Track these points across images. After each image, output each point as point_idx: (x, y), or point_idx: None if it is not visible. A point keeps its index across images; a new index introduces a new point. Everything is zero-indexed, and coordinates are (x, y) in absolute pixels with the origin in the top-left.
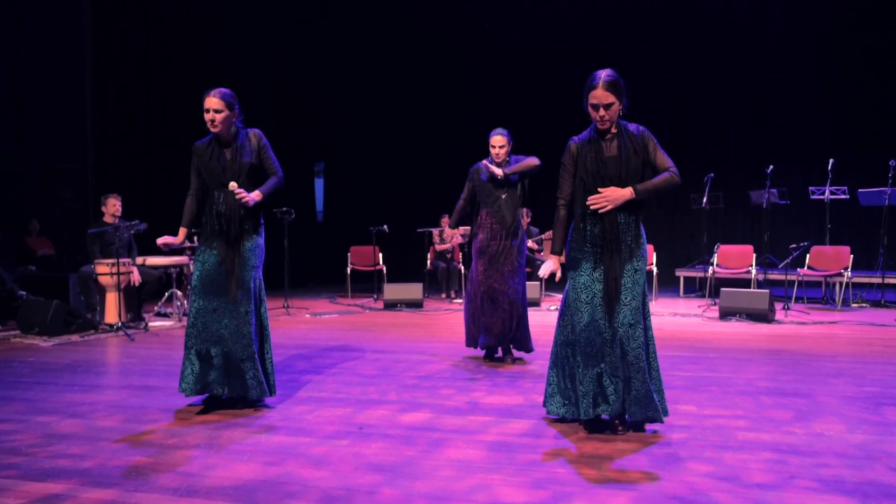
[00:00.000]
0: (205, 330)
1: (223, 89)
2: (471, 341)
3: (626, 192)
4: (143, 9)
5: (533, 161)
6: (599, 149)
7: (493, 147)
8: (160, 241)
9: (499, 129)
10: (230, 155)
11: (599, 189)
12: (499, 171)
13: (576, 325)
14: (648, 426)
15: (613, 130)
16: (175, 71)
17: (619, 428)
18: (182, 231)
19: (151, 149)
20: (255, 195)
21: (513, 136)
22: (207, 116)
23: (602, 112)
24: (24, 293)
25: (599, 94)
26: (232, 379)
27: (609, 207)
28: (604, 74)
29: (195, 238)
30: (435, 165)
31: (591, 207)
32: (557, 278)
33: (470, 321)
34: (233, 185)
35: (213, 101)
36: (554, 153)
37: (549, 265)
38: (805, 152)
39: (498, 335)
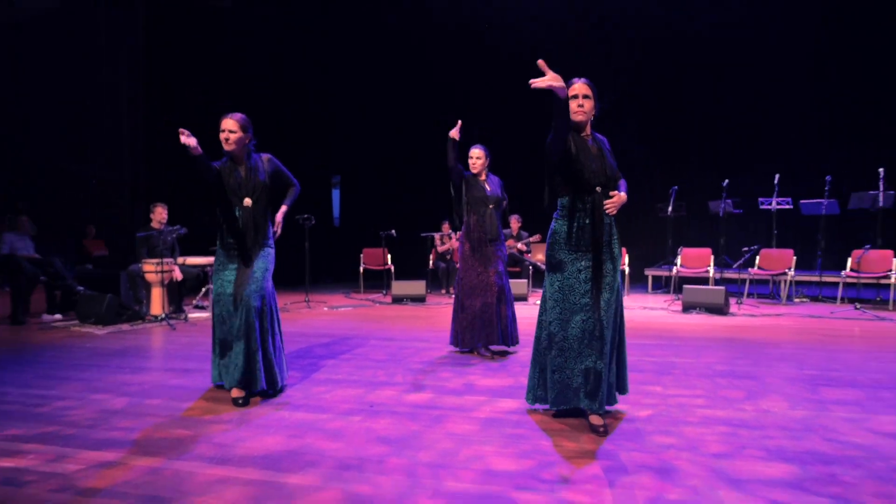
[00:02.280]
0: (228, 332)
1: (239, 114)
2: (455, 341)
3: (625, 197)
4: (190, 45)
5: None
6: (585, 146)
7: (471, 158)
8: (188, 140)
9: (478, 145)
10: (244, 173)
11: (611, 193)
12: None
13: (565, 323)
14: (622, 404)
15: (588, 131)
16: (214, 99)
17: (602, 428)
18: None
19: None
20: (282, 210)
21: (510, 146)
22: (223, 136)
23: (580, 101)
24: (81, 288)
25: (579, 86)
26: (245, 371)
27: (614, 212)
28: (581, 77)
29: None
30: (436, 179)
31: (609, 212)
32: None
33: (456, 328)
34: (247, 201)
35: (228, 123)
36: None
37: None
38: (755, 168)
39: (488, 322)
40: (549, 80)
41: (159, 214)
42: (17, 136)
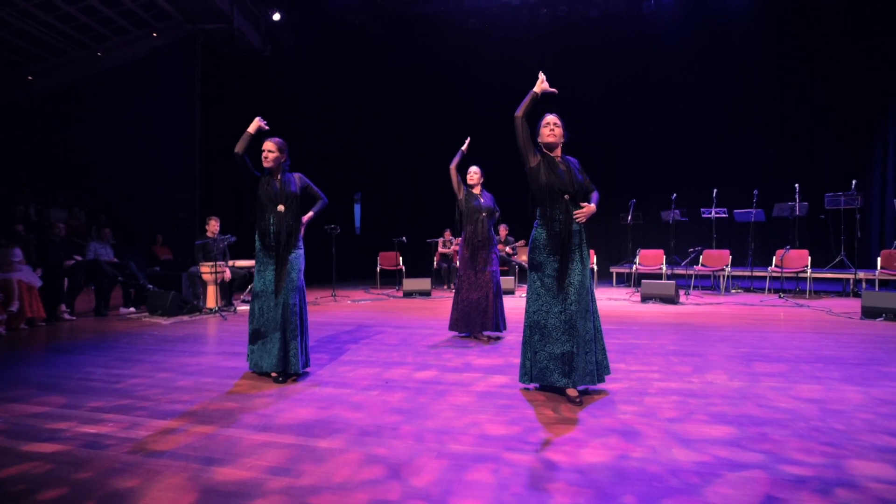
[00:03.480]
0: (265, 323)
1: (278, 138)
2: (453, 327)
3: (594, 208)
4: (238, 86)
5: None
6: (555, 164)
7: (470, 173)
8: (259, 123)
9: (475, 166)
10: (279, 185)
11: (581, 203)
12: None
13: (546, 314)
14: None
15: (559, 153)
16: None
17: (578, 399)
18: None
19: (239, 184)
20: (308, 216)
21: (500, 170)
22: (263, 154)
23: (552, 127)
24: (151, 286)
25: (551, 118)
26: (282, 357)
27: (583, 220)
28: (553, 112)
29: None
30: (438, 196)
31: (578, 221)
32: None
33: (455, 317)
34: (281, 207)
35: (269, 144)
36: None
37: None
38: (697, 184)
39: (483, 312)
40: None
41: (213, 226)
42: (103, 161)
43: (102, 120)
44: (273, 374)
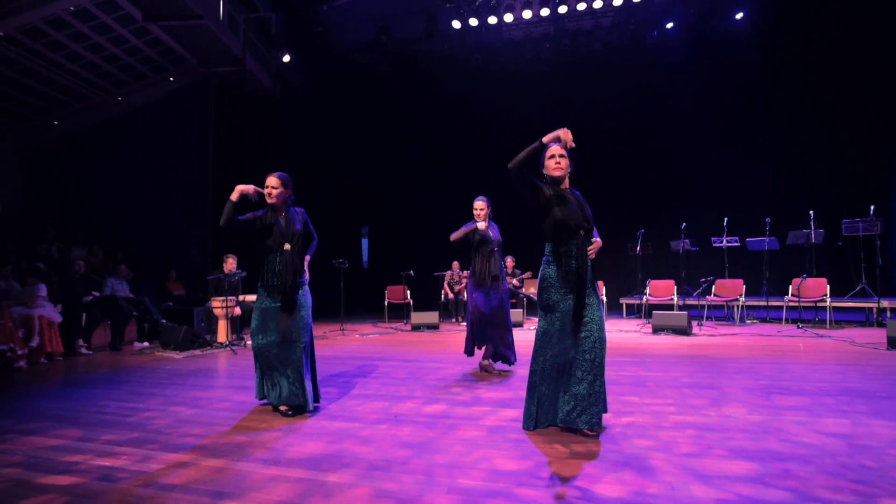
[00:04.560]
0: (268, 359)
1: (282, 173)
2: (469, 351)
3: (601, 242)
4: (250, 124)
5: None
6: (567, 198)
7: (476, 210)
8: (241, 189)
9: (481, 196)
10: (284, 223)
11: (592, 239)
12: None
13: (565, 355)
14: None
15: (567, 185)
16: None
17: (593, 433)
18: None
19: (252, 223)
20: (306, 259)
21: (505, 202)
22: (266, 191)
23: (557, 159)
24: (164, 321)
25: (555, 149)
26: (292, 392)
27: (593, 255)
28: (556, 142)
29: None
30: (445, 229)
31: (591, 256)
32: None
33: (470, 336)
34: (287, 246)
35: (272, 180)
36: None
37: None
38: (707, 213)
39: (495, 340)
40: (561, 131)
41: (230, 264)
42: (120, 199)
43: (120, 160)
44: (282, 408)
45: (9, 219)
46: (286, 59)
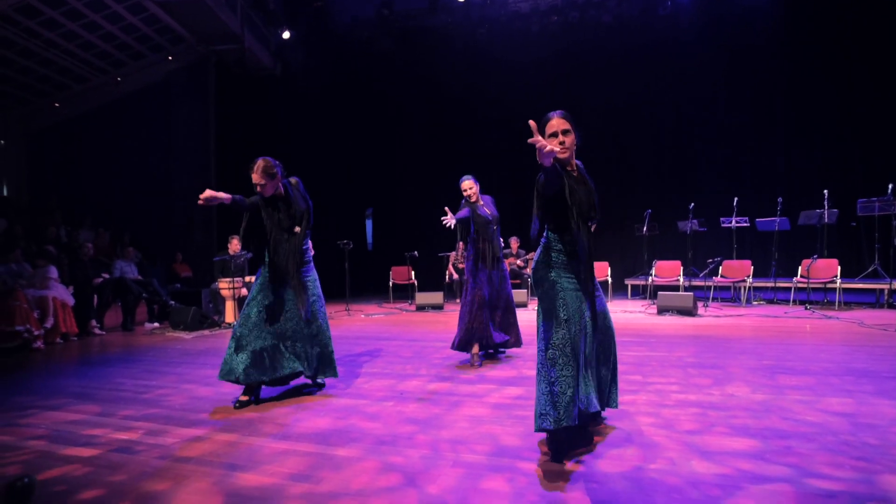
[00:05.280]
0: (268, 329)
1: (262, 163)
2: (462, 346)
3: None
4: (251, 105)
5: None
6: (576, 182)
7: (465, 190)
8: (207, 194)
9: (466, 176)
10: (284, 207)
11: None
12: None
13: (572, 335)
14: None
15: (574, 164)
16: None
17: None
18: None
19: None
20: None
21: (506, 179)
22: (257, 189)
23: (561, 137)
24: (173, 302)
25: (556, 122)
26: (320, 367)
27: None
28: (556, 111)
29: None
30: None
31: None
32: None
33: (464, 329)
34: (297, 229)
35: (255, 177)
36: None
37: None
38: (716, 193)
39: (500, 323)
40: (540, 141)
41: (234, 245)
42: (124, 182)
43: (122, 142)
44: (308, 376)
45: (16, 204)
46: (286, 35)
